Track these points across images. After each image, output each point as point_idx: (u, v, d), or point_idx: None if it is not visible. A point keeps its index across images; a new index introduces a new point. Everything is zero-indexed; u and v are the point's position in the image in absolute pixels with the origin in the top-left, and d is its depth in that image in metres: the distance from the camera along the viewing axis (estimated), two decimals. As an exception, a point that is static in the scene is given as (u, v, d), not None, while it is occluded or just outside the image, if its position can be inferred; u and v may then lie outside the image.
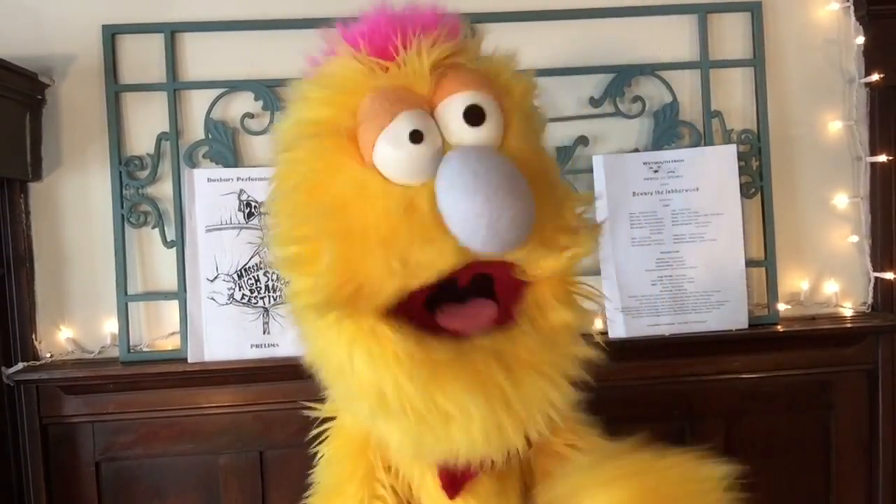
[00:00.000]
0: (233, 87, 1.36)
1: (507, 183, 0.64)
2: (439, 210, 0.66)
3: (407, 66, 0.72)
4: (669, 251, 1.39)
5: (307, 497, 0.91)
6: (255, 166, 1.37)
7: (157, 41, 1.36)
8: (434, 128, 0.71)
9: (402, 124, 0.69)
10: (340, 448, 0.88)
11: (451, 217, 0.66)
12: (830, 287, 1.46)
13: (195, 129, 1.37)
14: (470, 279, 0.73)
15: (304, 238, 0.72)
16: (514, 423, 0.73)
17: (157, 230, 1.35)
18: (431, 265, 0.68)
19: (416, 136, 0.68)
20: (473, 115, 0.71)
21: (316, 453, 0.90)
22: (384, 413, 0.72)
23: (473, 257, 0.69)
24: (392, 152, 0.69)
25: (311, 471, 0.92)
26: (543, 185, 0.73)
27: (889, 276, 1.44)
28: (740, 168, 1.40)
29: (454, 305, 0.74)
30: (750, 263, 1.41)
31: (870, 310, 1.47)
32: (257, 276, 1.33)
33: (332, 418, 0.91)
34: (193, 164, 1.36)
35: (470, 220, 0.64)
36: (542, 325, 0.75)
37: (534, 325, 0.75)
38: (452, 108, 0.71)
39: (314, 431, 0.92)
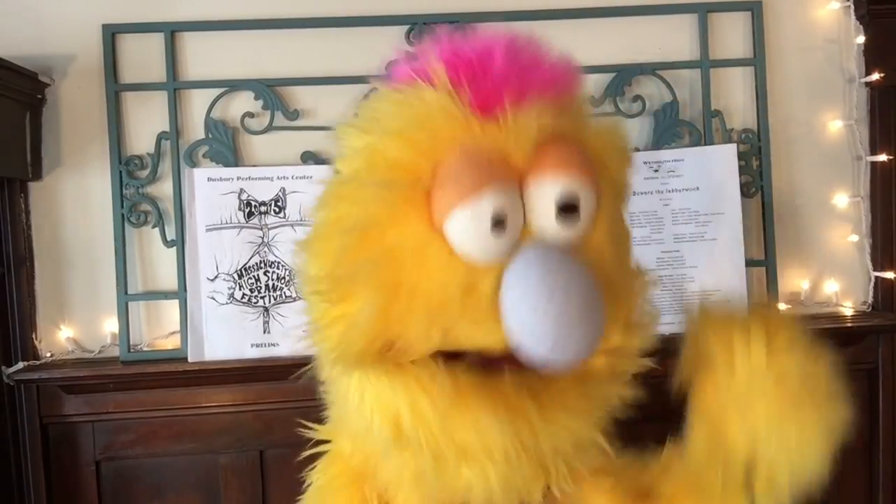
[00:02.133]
0: (233, 86, 1.36)
1: (584, 308, 0.59)
2: (500, 301, 0.62)
3: (509, 130, 0.63)
4: (670, 251, 1.39)
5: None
6: (255, 166, 1.37)
7: (157, 40, 1.36)
8: (519, 207, 0.63)
9: (489, 205, 0.61)
10: (335, 478, 0.83)
11: (512, 326, 0.61)
12: (831, 286, 1.46)
13: (195, 129, 1.37)
14: None
15: (346, 280, 0.65)
16: (536, 469, 0.67)
17: (157, 229, 1.35)
18: (473, 342, 0.65)
19: (499, 224, 0.61)
20: (567, 207, 0.63)
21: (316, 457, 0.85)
22: (398, 443, 0.66)
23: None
24: (468, 231, 0.61)
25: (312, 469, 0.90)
26: (619, 283, 0.68)
27: (889, 275, 1.44)
28: (740, 167, 1.40)
29: None
30: (750, 263, 1.41)
31: (870, 309, 1.47)
32: (257, 275, 1.33)
33: (326, 441, 0.86)
34: (193, 164, 1.36)
35: (534, 339, 0.60)
36: (582, 364, 0.68)
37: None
38: (546, 194, 0.63)
39: (306, 453, 0.87)
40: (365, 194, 0.64)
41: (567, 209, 0.63)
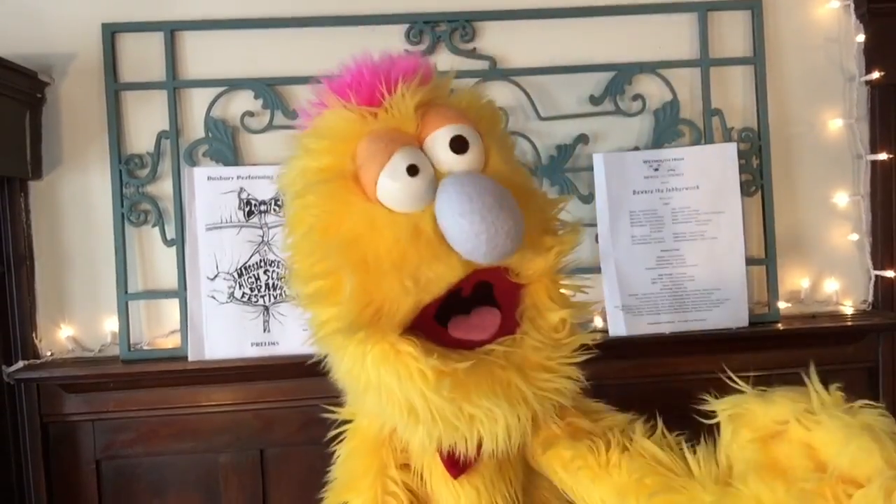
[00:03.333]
0: (233, 85, 1.36)
1: (498, 201, 0.73)
2: (441, 231, 0.75)
3: (394, 110, 0.81)
4: (670, 249, 1.39)
5: (322, 493, 0.96)
6: (255, 164, 1.37)
7: (157, 40, 1.36)
8: (426, 160, 0.79)
9: (399, 161, 0.77)
10: (356, 448, 0.94)
11: (453, 237, 0.74)
12: (831, 285, 1.46)
13: (195, 128, 1.37)
14: (472, 288, 0.81)
15: (324, 273, 0.79)
16: (530, 416, 0.82)
17: (157, 228, 1.35)
18: (440, 279, 0.77)
19: (412, 170, 0.77)
20: (458, 144, 0.80)
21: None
22: (415, 422, 0.80)
23: (475, 266, 0.78)
24: (393, 186, 0.77)
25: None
26: (526, 197, 0.82)
27: (889, 274, 1.44)
28: (740, 166, 1.40)
29: (462, 317, 0.82)
30: (750, 261, 1.41)
31: (870, 308, 1.47)
32: (257, 274, 1.33)
33: (348, 421, 0.97)
34: (193, 163, 1.36)
35: (471, 238, 0.73)
36: (541, 325, 0.84)
37: (534, 326, 0.83)
38: (439, 140, 0.80)
39: (333, 432, 0.97)
40: (312, 199, 0.81)
41: (459, 146, 0.79)
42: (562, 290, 0.86)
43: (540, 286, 0.84)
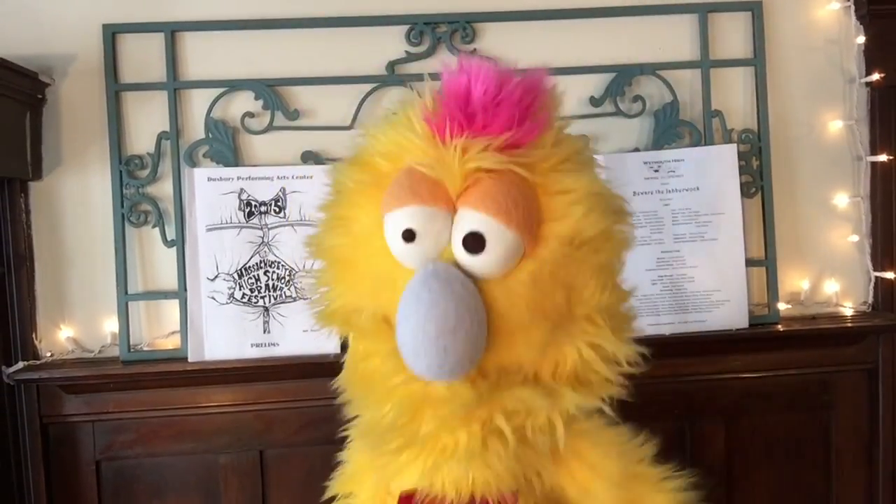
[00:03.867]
0: (233, 86, 1.36)
1: (438, 330, 0.65)
2: None
3: (450, 159, 0.70)
4: (670, 251, 1.39)
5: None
6: (255, 165, 1.37)
7: (157, 40, 1.36)
8: (443, 229, 0.70)
9: (402, 218, 0.71)
10: (366, 465, 0.90)
11: (397, 330, 0.69)
12: (831, 286, 1.46)
13: (195, 129, 1.37)
14: None
15: (327, 253, 0.80)
16: (509, 467, 0.74)
17: (157, 229, 1.35)
18: None
19: (408, 235, 0.70)
20: (472, 242, 0.69)
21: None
22: (377, 437, 0.77)
23: None
24: (389, 234, 0.73)
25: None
26: (533, 333, 0.72)
27: (889, 275, 1.44)
28: (741, 168, 1.40)
29: None
30: (750, 263, 1.41)
31: (870, 309, 1.47)
32: (257, 275, 1.33)
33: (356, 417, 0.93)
34: (194, 164, 1.36)
35: (400, 343, 0.68)
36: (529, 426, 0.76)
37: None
38: (461, 223, 0.70)
39: (345, 427, 0.93)
40: (345, 185, 0.78)
41: (472, 243, 0.69)
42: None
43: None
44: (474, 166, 0.69)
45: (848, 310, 1.46)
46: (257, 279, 1.33)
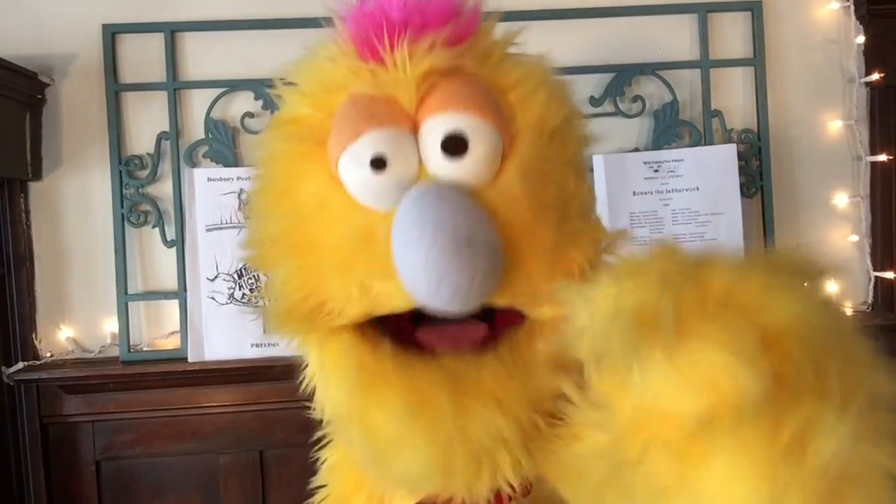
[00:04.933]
0: (233, 86, 1.36)
1: (456, 245, 0.54)
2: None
3: (394, 72, 0.61)
4: (669, 250, 1.38)
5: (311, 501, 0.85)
6: (255, 166, 1.36)
7: (157, 41, 1.36)
8: (411, 151, 0.60)
9: (365, 147, 0.59)
10: (346, 457, 0.80)
11: (396, 265, 0.57)
12: (830, 286, 1.46)
13: (195, 129, 1.37)
14: None
15: (263, 243, 0.66)
16: (466, 457, 0.60)
17: (157, 230, 1.35)
18: (391, 300, 0.60)
19: (377, 163, 0.59)
20: (453, 145, 0.59)
21: (317, 458, 0.83)
22: (338, 425, 0.66)
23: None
24: (354, 174, 0.60)
25: (312, 467, 0.90)
26: (540, 233, 0.62)
27: (889, 275, 1.44)
28: (740, 167, 1.40)
29: (441, 323, 0.62)
30: (750, 263, 1.40)
31: (870, 309, 1.47)
32: (257, 275, 1.33)
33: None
34: (193, 164, 1.36)
35: (410, 278, 0.56)
36: (522, 354, 0.62)
37: (513, 353, 0.62)
38: (433, 132, 0.60)
39: (317, 435, 0.85)
40: (270, 156, 0.66)
41: (453, 147, 0.59)
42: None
43: (551, 321, 0.61)
44: (427, 67, 0.60)
45: (847, 310, 1.46)
46: (257, 279, 1.33)
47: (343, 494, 0.79)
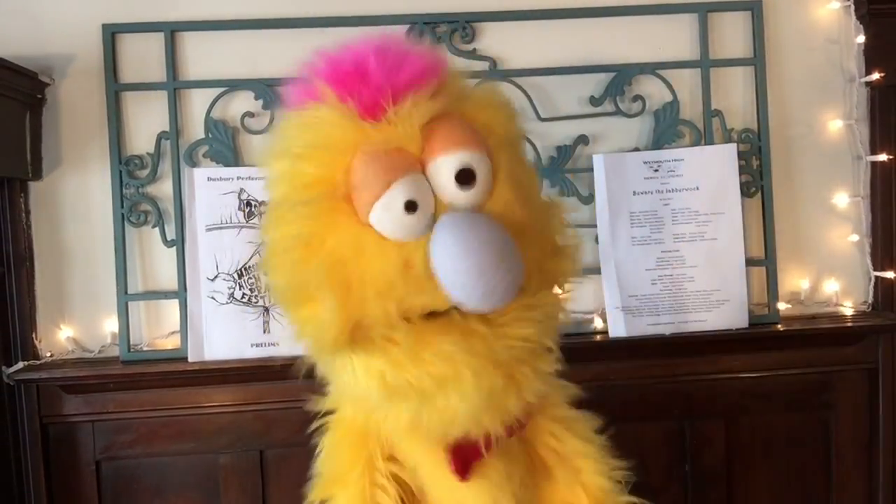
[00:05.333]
0: (233, 86, 1.36)
1: (498, 255, 0.69)
2: (432, 268, 0.72)
3: (398, 126, 0.74)
4: (670, 250, 1.39)
5: (309, 488, 0.92)
6: (255, 165, 1.37)
7: (157, 40, 1.36)
8: (427, 190, 0.74)
9: (397, 195, 0.72)
10: (341, 439, 0.90)
11: (446, 284, 0.71)
12: (831, 286, 1.46)
13: (195, 129, 1.37)
14: None
15: (302, 289, 0.76)
16: (504, 379, 0.76)
17: (157, 229, 1.35)
18: (425, 307, 0.74)
19: (410, 206, 0.72)
20: (464, 177, 0.74)
21: (316, 447, 0.91)
22: (389, 396, 0.76)
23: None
24: (388, 218, 0.72)
25: (312, 467, 0.92)
26: (531, 226, 0.78)
27: (889, 275, 1.44)
28: (740, 167, 1.40)
29: None
30: (750, 262, 1.41)
31: (870, 309, 1.47)
32: (257, 275, 1.33)
33: (331, 411, 0.92)
34: (193, 164, 1.36)
35: (467, 292, 0.70)
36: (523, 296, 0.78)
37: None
38: (443, 168, 0.74)
39: (315, 425, 0.92)
40: (296, 214, 0.75)
41: (464, 177, 0.74)
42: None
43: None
44: (426, 117, 0.74)
45: (848, 309, 1.46)
46: (257, 279, 1.33)
47: (335, 474, 0.89)
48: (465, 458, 0.82)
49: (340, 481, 0.88)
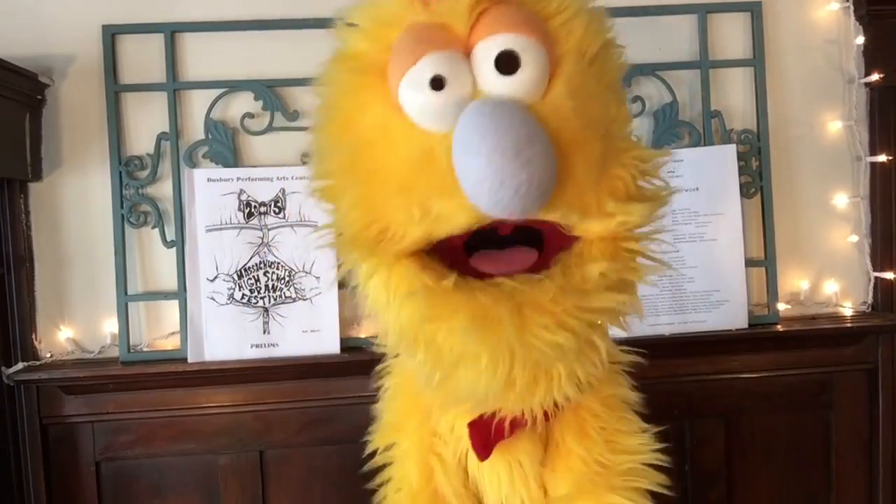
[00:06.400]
0: (233, 87, 1.36)
1: (516, 146, 0.59)
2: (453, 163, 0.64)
3: (446, 3, 0.67)
4: (669, 251, 1.38)
5: (371, 432, 0.93)
6: (255, 166, 1.37)
7: (156, 41, 1.36)
8: (465, 72, 0.66)
9: (424, 69, 0.65)
10: (400, 385, 0.89)
11: (458, 175, 0.63)
12: (830, 287, 1.46)
13: (195, 129, 1.37)
14: (513, 230, 0.69)
15: (331, 173, 0.72)
16: (525, 370, 0.68)
17: (156, 230, 1.35)
18: (451, 219, 0.66)
19: (436, 83, 0.65)
20: (506, 62, 0.65)
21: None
22: (405, 347, 0.72)
23: (493, 217, 0.65)
24: (413, 97, 0.66)
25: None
26: (588, 146, 0.68)
27: (889, 275, 1.44)
28: (740, 168, 1.40)
29: (494, 251, 0.71)
30: (750, 263, 1.41)
31: (870, 309, 1.47)
32: (257, 275, 1.33)
33: (396, 355, 0.90)
34: (193, 164, 1.36)
35: (473, 183, 0.61)
36: (574, 275, 0.70)
37: (565, 274, 0.70)
38: (486, 52, 0.66)
39: (378, 367, 0.91)
40: (332, 90, 0.72)
41: (507, 65, 0.65)
42: (623, 248, 0.73)
43: (597, 241, 0.71)
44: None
45: (848, 310, 1.46)
46: (257, 280, 1.33)
47: (396, 422, 0.87)
48: (486, 436, 0.79)
49: (401, 429, 0.87)
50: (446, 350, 0.68)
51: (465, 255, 0.70)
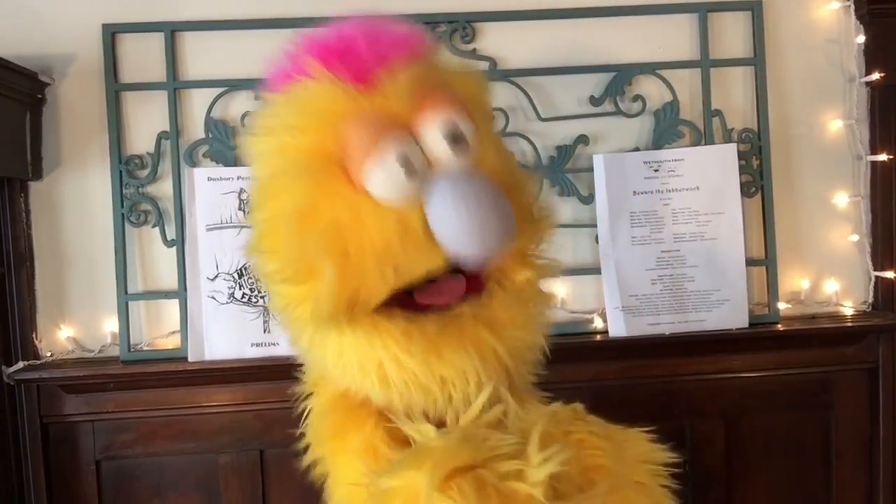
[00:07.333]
0: (233, 86, 1.36)
1: (494, 209, 0.73)
2: (431, 228, 0.74)
3: (387, 91, 0.76)
4: (670, 250, 1.39)
5: (305, 454, 0.91)
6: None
7: (157, 40, 1.36)
8: (417, 149, 0.76)
9: (392, 153, 0.74)
10: (330, 402, 0.88)
11: (446, 241, 0.73)
12: (831, 286, 1.46)
13: (195, 128, 1.37)
14: None
15: (299, 260, 0.76)
16: (506, 377, 0.81)
17: (157, 229, 1.35)
18: (422, 270, 0.76)
19: (404, 163, 0.74)
20: (455, 137, 0.77)
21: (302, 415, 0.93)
22: (387, 388, 0.78)
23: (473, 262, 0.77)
24: (384, 179, 0.74)
25: (312, 474, 0.91)
26: (511, 183, 0.81)
27: (889, 275, 1.44)
28: (741, 167, 1.40)
29: (428, 285, 0.79)
30: (750, 262, 1.41)
31: (870, 309, 1.47)
32: (257, 276, 1.33)
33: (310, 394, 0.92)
34: (194, 163, 1.36)
35: (467, 246, 0.73)
36: (507, 285, 0.83)
37: (502, 287, 0.83)
38: (433, 129, 0.77)
39: (300, 406, 0.93)
40: (293, 185, 0.76)
41: (456, 139, 0.77)
42: (527, 254, 0.85)
43: (508, 257, 0.82)
44: (417, 84, 0.77)
45: (848, 309, 1.46)
46: (257, 279, 1.33)
47: (334, 430, 0.87)
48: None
49: (341, 437, 0.85)
50: (433, 381, 0.77)
51: (405, 294, 0.78)
